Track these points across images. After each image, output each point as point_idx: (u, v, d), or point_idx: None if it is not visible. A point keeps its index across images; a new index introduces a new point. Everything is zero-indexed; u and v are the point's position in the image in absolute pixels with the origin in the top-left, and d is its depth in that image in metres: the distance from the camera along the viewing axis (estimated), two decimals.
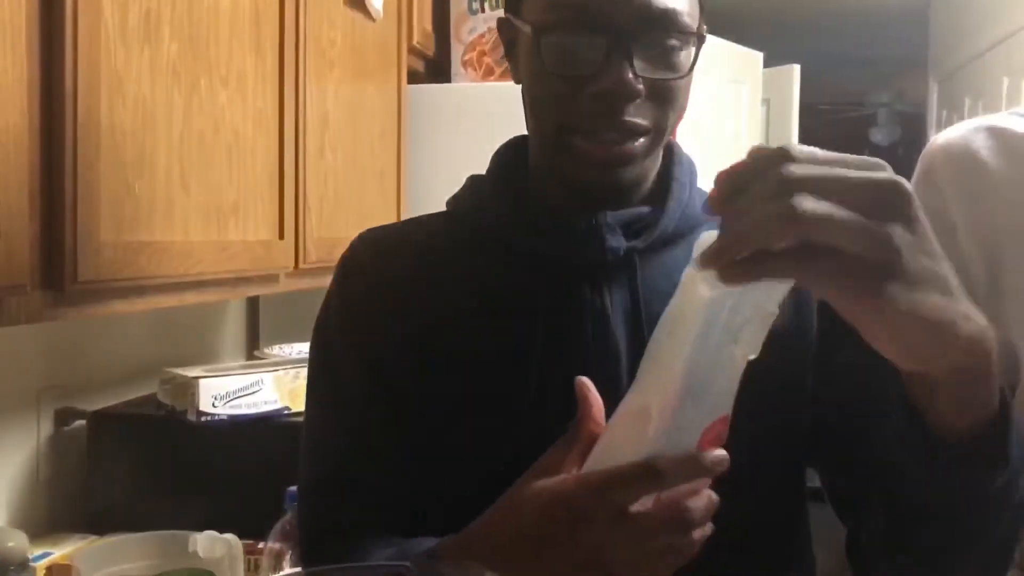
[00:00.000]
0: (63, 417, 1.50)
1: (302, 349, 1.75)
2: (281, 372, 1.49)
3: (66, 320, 0.94)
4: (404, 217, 1.78)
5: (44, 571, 1.28)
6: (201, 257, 1.12)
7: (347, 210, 1.62)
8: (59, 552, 1.33)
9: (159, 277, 1.04)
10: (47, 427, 1.49)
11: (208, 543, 1.12)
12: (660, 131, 0.79)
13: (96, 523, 1.43)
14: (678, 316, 0.60)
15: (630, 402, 0.64)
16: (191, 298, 1.14)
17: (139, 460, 1.48)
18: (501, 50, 0.88)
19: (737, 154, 0.58)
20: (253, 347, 2.06)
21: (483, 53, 2.22)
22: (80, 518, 1.47)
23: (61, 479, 1.50)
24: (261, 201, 1.31)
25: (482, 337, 0.81)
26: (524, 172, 0.86)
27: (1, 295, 0.79)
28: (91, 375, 1.57)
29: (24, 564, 0.87)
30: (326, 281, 0.87)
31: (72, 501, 1.50)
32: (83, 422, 1.50)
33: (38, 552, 1.31)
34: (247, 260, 1.25)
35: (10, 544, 0.86)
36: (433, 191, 0.99)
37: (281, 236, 1.36)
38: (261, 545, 1.20)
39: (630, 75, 0.74)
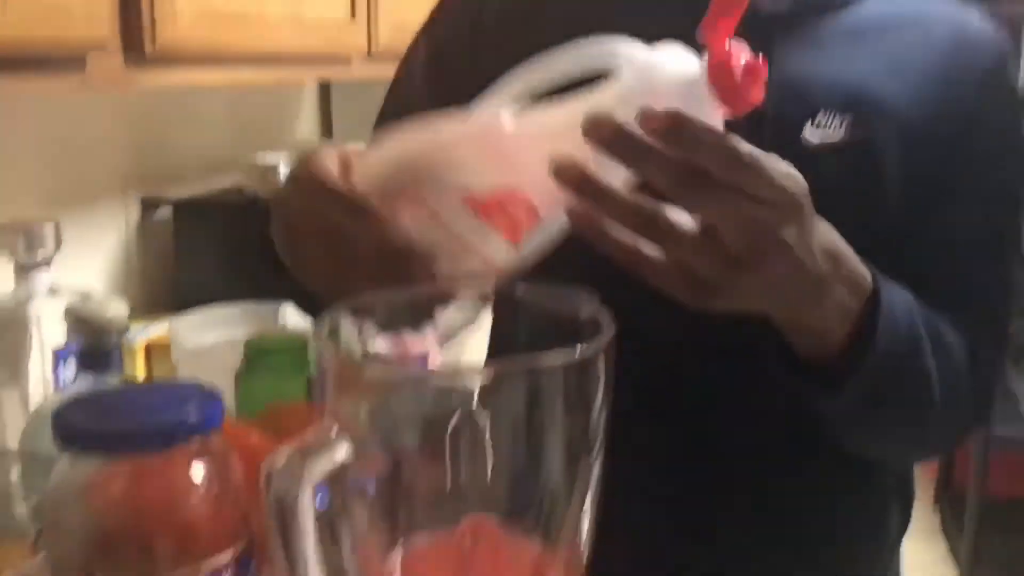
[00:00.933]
0: (149, 205, 1.54)
1: None
2: None
3: (145, 85, 0.94)
4: None
5: (143, 348, 1.34)
6: (277, 31, 1.11)
7: None
8: (154, 331, 1.38)
9: (236, 48, 1.03)
10: (134, 216, 1.53)
11: (296, 312, 1.16)
12: None
13: (187, 306, 1.48)
14: None
15: None
16: (267, 74, 1.14)
17: (224, 246, 1.52)
18: None
19: None
20: (327, 138, 2.07)
21: None
22: (171, 302, 1.53)
23: (151, 265, 1.55)
24: None
25: None
26: None
27: (84, 50, 0.79)
28: (174, 165, 1.59)
29: (125, 329, 0.90)
30: None
31: (162, 286, 1.56)
32: (168, 210, 1.54)
33: (134, 331, 1.37)
34: (321, 39, 1.24)
35: (112, 311, 0.89)
36: None
37: (353, 15, 1.33)
38: None
39: None
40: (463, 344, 0.92)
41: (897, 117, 0.74)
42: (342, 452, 0.39)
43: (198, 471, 0.60)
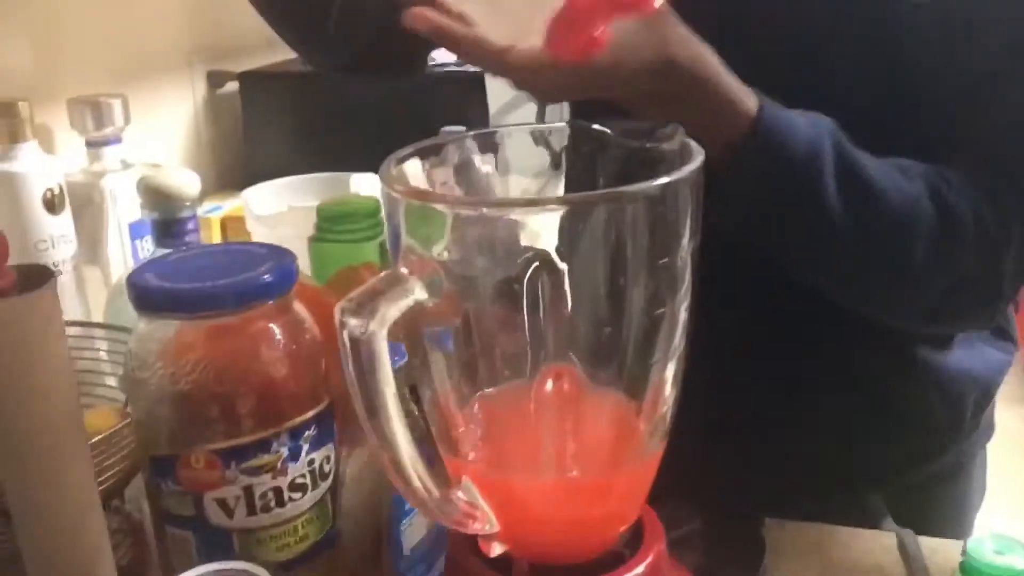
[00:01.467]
0: (216, 79, 1.53)
1: None
2: None
3: None
4: None
5: (219, 223, 1.35)
6: None
7: None
8: (229, 205, 1.39)
9: None
10: (201, 90, 1.52)
11: (366, 181, 1.14)
12: None
13: (256, 178, 1.48)
14: None
15: None
16: None
17: (292, 116, 1.50)
18: None
19: None
20: None
21: None
22: (242, 176, 1.53)
23: (221, 139, 1.55)
24: None
25: None
26: None
27: None
28: (238, 39, 1.57)
29: (197, 199, 0.89)
30: None
31: (234, 160, 1.56)
32: (235, 83, 1.52)
33: (210, 206, 1.37)
34: None
35: (183, 180, 0.88)
36: None
37: None
38: None
39: None
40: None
41: None
42: (415, 292, 0.37)
43: (274, 331, 0.60)
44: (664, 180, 0.37)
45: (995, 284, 0.72)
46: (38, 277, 0.44)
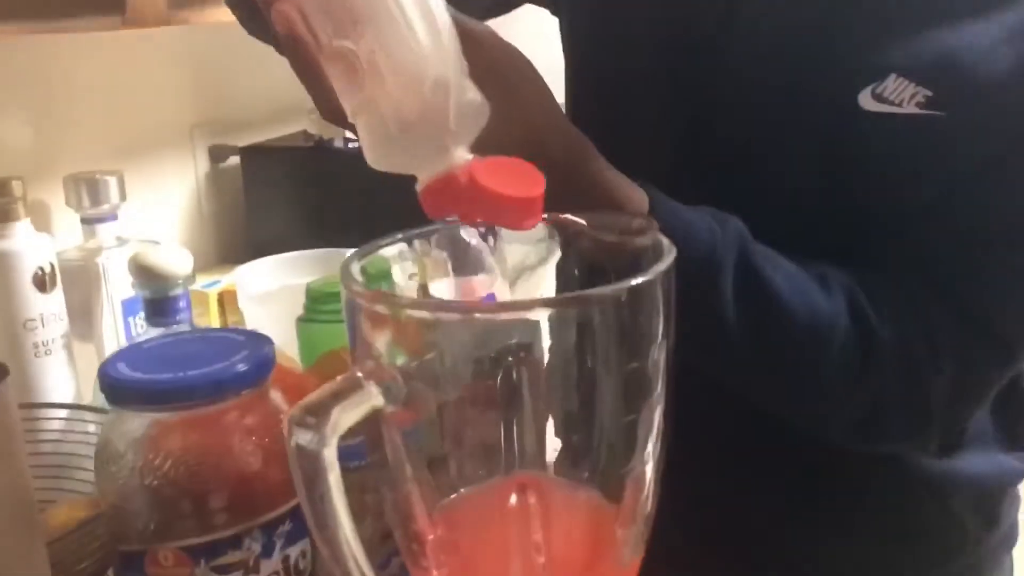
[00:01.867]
0: (217, 153, 1.53)
1: None
2: None
3: (186, 24, 0.91)
4: None
5: (216, 297, 1.34)
6: None
7: None
8: (227, 280, 1.38)
9: None
10: (203, 164, 1.52)
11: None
12: None
13: (257, 253, 1.47)
14: None
15: None
16: None
17: (292, 190, 1.50)
18: None
19: None
20: None
21: None
22: (243, 249, 1.52)
23: (222, 213, 1.55)
24: None
25: None
26: None
27: None
28: (240, 114, 1.57)
29: (190, 278, 0.88)
30: None
31: (234, 234, 1.56)
32: (237, 157, 1.53)
33: (208, 280, 1.36)
34: None
35: (175, 259, 0.87)
36: None
37: None
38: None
39: None
40: (535, 283, 0.87)
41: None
42: (372, 398, 0.35)
43: (249, 423, 0.58)
44: (633, 282, 0.36)
45: (922, 409, 0.69)
46: None
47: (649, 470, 0.39)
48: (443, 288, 0.54)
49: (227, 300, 1.32)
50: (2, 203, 0.95)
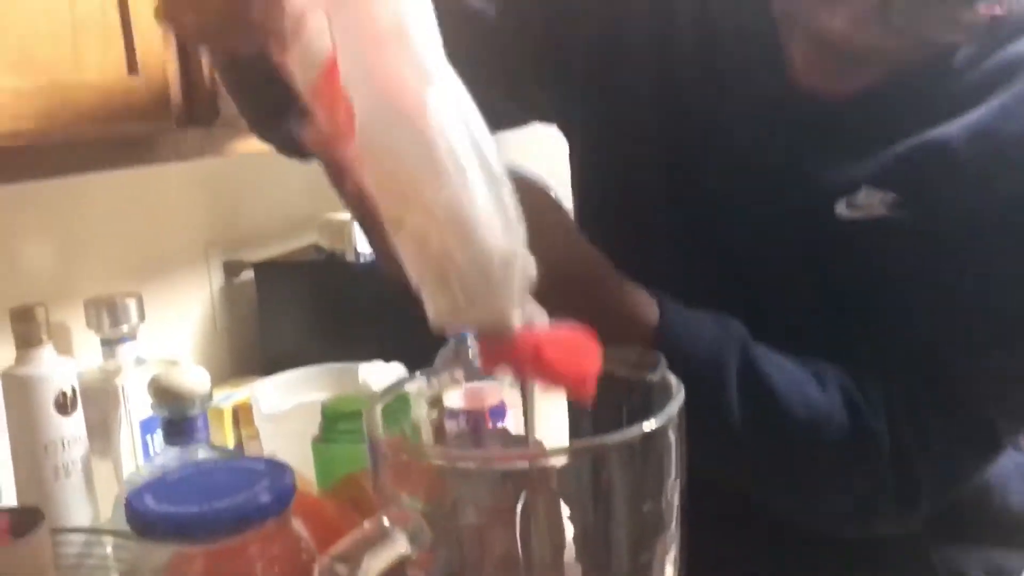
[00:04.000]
0: (231, 269, 1.56)
1: None
2: None
3: (216, 156, 0.95)
4: None
5: (231, 412, 1.35)
6: None
7: None
8: (241, 394, 1.39)
9: None
10: (218, 279, 1.55)
11: (375, 371, 1.15)
12: None
13: (272, 366, 1.49)
14: None
15: None
16: None
17: (306, 303, 1.53)
18: None
19: None
20: None
21: None
22: (257, 363, 1.55)
23: (236, 327, 1.57)
24: None
25: None
26: None
27: (152, 135, 0.80)
28: (254, 229, 1.61)
29: (207, 398, 0.90)
30: None
31: (248, 347, 1.58)
32: (251, 273, 1.56)
33: (222, 395, 1.38)
34: None
35: (194, 381, 0.89)
36: None
37: None
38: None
39: None
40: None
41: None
42: (398, 545, 0.37)
43: (272, 552, 0.59)
44: (647, 427, 0.38)
45: (911, 494, 0.71)
46: (29, 521, 0.44)
47: None
48: (455, 397, 0.56)
49: (242, 415, 1.33)
50: (26, 329, 0.98)
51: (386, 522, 0.37)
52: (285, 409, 1.08)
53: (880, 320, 0.71)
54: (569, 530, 0.40)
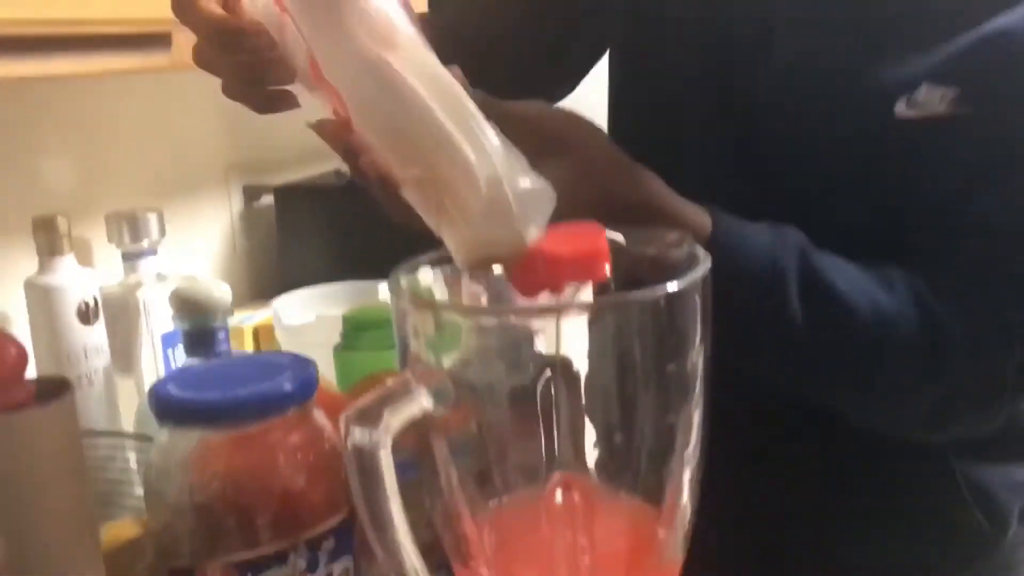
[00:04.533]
0: (251, 193, 1.56)
1: None
2: None
3: None
4: None
5: (252, 331, 1.36)
6: None
7: None
8: (262, 315, 1.40)
9: None
10: (237, 203, 1.55)
11: None
12: None
13: (291, 288, 1.50)
14: None
15: None
16: None
17: (325, 228, 1.53)
18: None
19: None
20: None
21: None
22: (277, 286, 1.55)
23: (255, 251, 1.58)
24: None
25: None
26: None
27: (169, 30, 0.79)
28: (273, 154, 1.61)
29: (229, 310, 0.90)
30: None
31: (268, 271, 1.59)
32: (270, 197, 1.56)
33: (243, 315, 1.39)
34: None
35: (215, 293, 0.90)
36: None
37: None
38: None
39: None
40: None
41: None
42: (421, 401, 0.37)
43: (294, 441, 0.60)
44: (670, 287, 0.37)
45: (995, 393, 0.71)
46: (57, 389, 0.45)
47: (688, 472, 0.40)
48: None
49: (263, 334, 1.34)
50: (48, 239, 0.98)
51: (410, 379, 0.37)
52: (306, 322, 1.08)
53: (943, 223, 0.70)
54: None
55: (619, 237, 0.47)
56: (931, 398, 0.70)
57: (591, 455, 0.41)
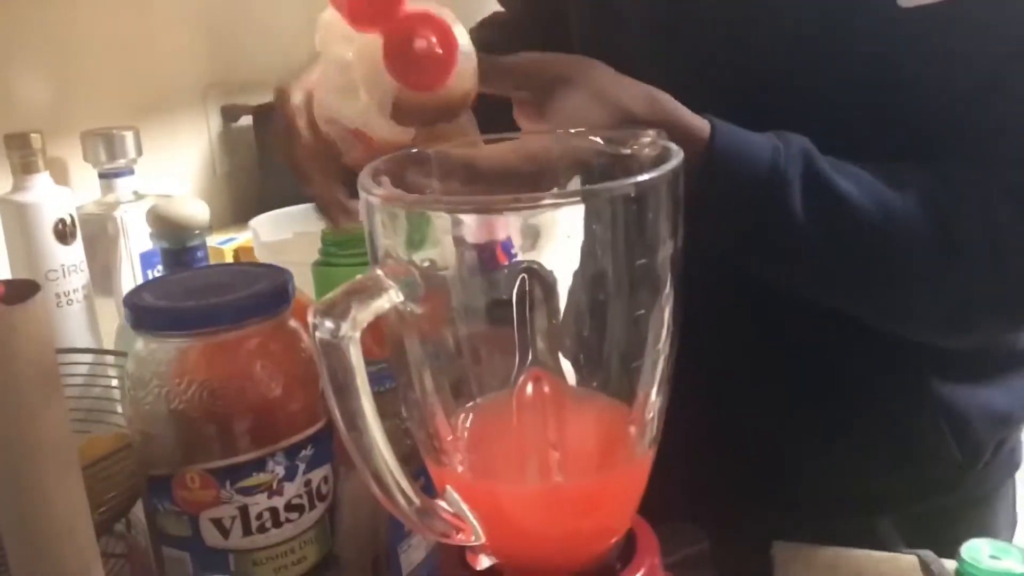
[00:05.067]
0: (230, 113, 1.54)
1: None
2: None
3: None
4: None
5: (232, 253, 1.35)
6: None
7: None
8: (242, 237, 1.39)
9: None
10: (216, 124, 1.54)
11: None
12: None
13: (271, 210, 1.49)
14: None
15: None
16: None
17: None
18: None
19: None
20: None
21: None
22: (257, 208, 1.54)
23: (235, 172, 1.56)
24: None
25: None
26: None
27: None
28: (253, 75, 1.58)
29: (207, 228, 0.90)
30: None
31: (248, 193, 1.57)
32: (249, 118, 1.54)
33: (223, 238, 1.38)
34: None
35: (194, 211, 0.89)
36: None
37: None
38: None
39: None
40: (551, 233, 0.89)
41: None
42: (390, 294, 0.37)
43: (271, 349, 0.60)
44: (640, 178, 0.37)
45: (1018, 294, 0.69)
46: (25, 290, 0.44)
47: (659, 367, 0.41)
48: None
49: (243, 255, 1.33)
50: (22, 156, 0.97)
51: (379, 272, 0.37)
52: (285, 239, 1.08)
53: (946, 114, 0.68)
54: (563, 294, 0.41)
55: (596, 138, 0.47)
56: (949, 297, 0.68)
57: (563, 349, 0.41)
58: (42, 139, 0.99)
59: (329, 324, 0.35)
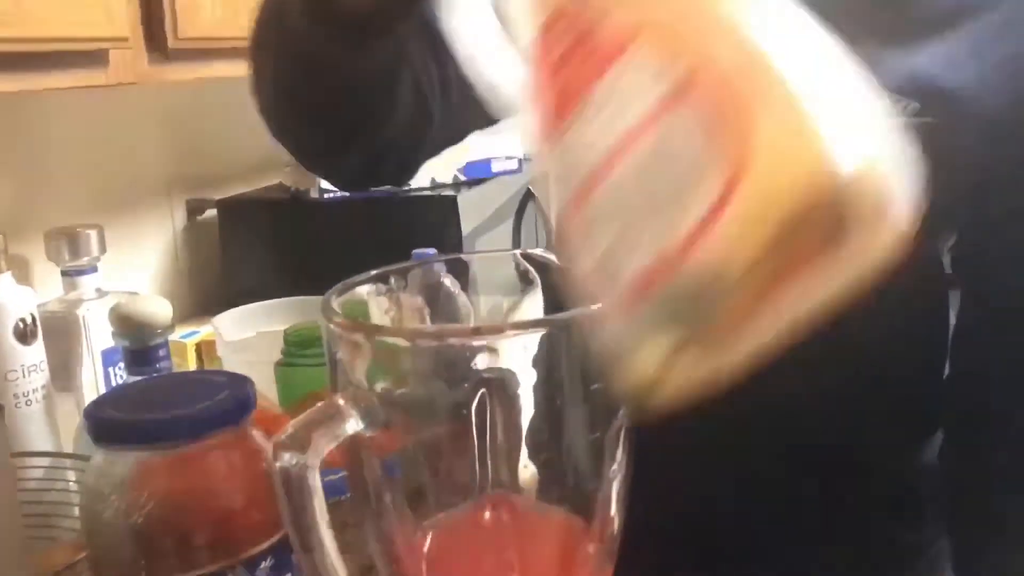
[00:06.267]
0: (194, 207, 1.55)
1: None
2: None
3: (169, 80, 0.94)
4: None
5: (194, 347, 1.35)
6: None
7: None
8: (205, 330, 1.39)
9: None
10: (180, 218, 1.54)
11: None
12: None
13: (234, 304, 1.49)
14: None
15: None
16: None
17: (269, 242, 1.53)
18: None
19: None
20: None
21: None
22: (220, 301, 1.54)
23: (199, 266, 1.57)
24: None
25: None
26: None
27: (105, 48, 0.79)
28: (216, 168, 1.60)
29: (169, 327, 0.90)
30: None
31: (211, 286, 1.58)
32: (214, 211, 1.55)
33: (186, 331, 1.38)
34: None
35: (157, 310, 0.89)
36: None
37: None
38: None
39: None
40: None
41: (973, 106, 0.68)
42: (351, 423, 0.37)
43: (232, 461, 0.60)
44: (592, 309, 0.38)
45: None
46: None
47: (616, 487, 0.41)
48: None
49: (205, 350, 1.33)
50: None
51: (340, 402, 0.38)
52: (248, 337, 1.08)
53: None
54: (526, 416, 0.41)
55: (551, 257, 0.48)
56: None
57: (523, 473, 0.42)
58: (4, 239, 0.99)
59: (289, 456, 0.36)
